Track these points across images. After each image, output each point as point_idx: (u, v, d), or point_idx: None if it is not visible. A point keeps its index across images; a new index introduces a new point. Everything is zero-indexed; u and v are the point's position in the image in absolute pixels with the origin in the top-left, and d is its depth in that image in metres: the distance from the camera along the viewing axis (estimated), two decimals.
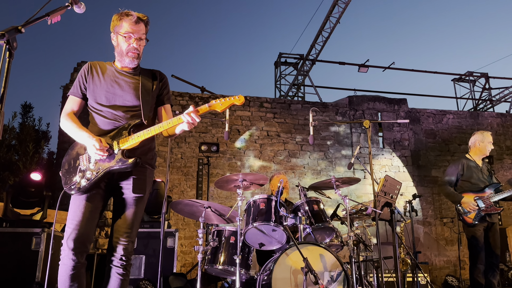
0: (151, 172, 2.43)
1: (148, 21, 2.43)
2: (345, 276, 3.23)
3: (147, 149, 2.41)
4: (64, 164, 2.36)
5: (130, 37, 2.35)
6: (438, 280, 7.70)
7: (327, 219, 3.86)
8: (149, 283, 4.64)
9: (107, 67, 2.45)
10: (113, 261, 2.24)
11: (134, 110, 2.37)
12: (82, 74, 2.42)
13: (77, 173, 2.27)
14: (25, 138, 7.85)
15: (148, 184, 2.39)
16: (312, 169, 8.30)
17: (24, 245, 4.33)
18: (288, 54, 11.56)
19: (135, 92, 2.38)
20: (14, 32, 1.62)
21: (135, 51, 2.38)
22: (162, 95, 2.52)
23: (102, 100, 2.36)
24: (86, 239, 2.24)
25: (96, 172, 2.24)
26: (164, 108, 2.51)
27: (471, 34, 55.38)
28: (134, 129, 2.30)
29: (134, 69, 2.47)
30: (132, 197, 2.31)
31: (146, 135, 2.26)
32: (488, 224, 4.29)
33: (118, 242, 2.25)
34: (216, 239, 3.73)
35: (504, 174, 8.99)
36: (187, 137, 7.94)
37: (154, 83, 2.47)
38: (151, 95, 2.43)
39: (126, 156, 2.24)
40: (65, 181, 2.31)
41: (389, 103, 9.13)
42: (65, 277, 2.20)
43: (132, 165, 2.23)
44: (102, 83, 2.39)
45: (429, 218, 8.45)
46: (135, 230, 2.32)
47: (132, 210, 2.30)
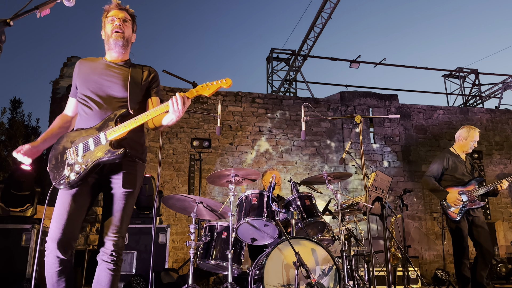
0: (141, 167, 2.41)
1: (134, 15, 2.51)
2: (337, 270, 3.26)
3: (136, 142, 2.38)
4: (51, 159, 2.33)
5: (114, 19, 2.42)
6: (428, 273, 7.79)
7: (319, 214, 3.88)
8: (140, 279, 4.64)
9: (97, 61, 2.47)
10: (104, 257, 2.22)
11: (122, 101, 2.36)
12: (74, 73, 2.47)
13: (66, 167, 2.24)
14: (15, 133, 7.77)
15: (138, 178, 2.37)
16: (304, 165, 8.33)
17: (14, 242, 4.29)
18: (280, 50, 11.57)
19: (124, 83, 2.38)
20: (2, 25, 1.59)
21: (119, 29, 2.41)
22: (152, 87, 2.50)
23: (90, 92, 2.36)
24: (70, 236, 2.22)
25: (85, 165, 2.20)
26: (152, 101, 2.48)
27: (462, 30, 55.80)
28: (120, 119, 2.27)
29: (124, 61, 2.47)
30: (122, 192, 2.28)
31: (133, 124, 2.22)
32: (473, 219, 4.30)
33: (109, 238, 2.23)
34: (208, 234, 3.73)
35: (493, 170, 9.10)
36: (179, 133, 7.91)
37: (144, 75, 2.47)
38: (139, 87, 2.42)
39: (115, 147, 2.20)
40: (54, 176, 2.27)
41: (380, 98, 9.17)
42: (52, 273, 2.20)
43: (122, 156, 2.18)
44: (91, 76, 2.39)
45: (419, 213, 8.54)
46: (125, 225, 2.29)
47: (122, 205, 2.28)
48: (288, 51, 11.51)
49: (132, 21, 2.50)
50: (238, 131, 8.22)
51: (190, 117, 7.97)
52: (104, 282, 2.20)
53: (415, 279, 6.08)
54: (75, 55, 8.42)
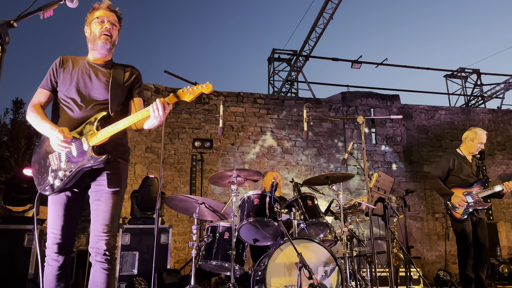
0: (124, 166, 2.41)
1: (120, 16, 2.47)
2: (339, 271, 3.25)
3: (118, 144, 2.38)
4: (34, 163, 2.32)
5: (103, 21, 2.38)
6: (430, 274, 7.78)
7: (321, 214, 3.87)
8: (142, 280, 4.63)
9: (80, 61, 2.43)
10: (97, 257, 2.23)
11: (103, 103, 2.34)
12: (54, 67, 2.39)
13: (49, 173, 2.24)
14: (17, 134, 7.78)
15: (123, 178, 2.38)
16: (306, 165, 8.32)
17: (17, 242, 4.30)
18: (282, 50, 11.55)
19: (105, 85, 2.36)
20: (6, 26, 1.59)
21: (108, 32, 2.38)
22: (134, 88, 2.49)
23: (72, 93, 2.33)
24: (68, 239, 2.27)
25: (69, 172, 2.21)
26: (134, 102, 2.47)
27: (464, 30, 55.72)
28: (100, 123, 2.26)
29: (106, 62, 2.45)
30: (108, 191, 2.28)
31: (115, 130, 2.23)
32: (476, 219, 4.32)
33: (100, 238, 2.23)
34: (210, 235, 3.73)
35: (495, 170, 9.08)
36: (181, 133, 7.91)
37: (125, 75, 2.45)
38: (121, 89, 2.41)
39: (97, 153, 2.21)
40: (38, 182, 2.28)
41: (381, 99, 9.16)
42: (51, 277, 2.24)
43: (104, 162, 2.20)
44: (73, 77, 2.36)
45: (421, 213, 8.52)
46: (115, 224, 2.30)
47: (110, 204, 2.27)
48: (289, 51, 11.50)
49: (119, 24, 2.47)
50: (239, 132, 8.22)
51: (192, 117, 7.97)
52: (100, 282, 2.21)
53: (417, 280, 6.07)
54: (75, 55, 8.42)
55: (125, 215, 7.02)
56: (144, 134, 7.58)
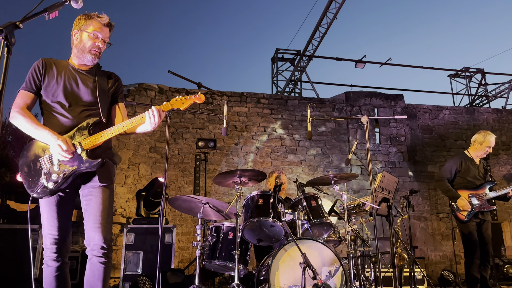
0: (112, 166, 2.47)
1: (113, 27, 2.50)
2: (343, 271, 3.25)
3: (106, 147, 2.45)
4: (23, 166, 2.32)
5: (97, 36, 2.40)
6: (434, 274, 7.75)
7: (325, 214, 3.87)
8: (147, 279, 4.65)
9: (63, 65, 2.44)
10: (94, 252, 2.25)
11: (92, 108, 2.39)
12: (36, 70, 2.36)
13: (42, 176, 2.25)
14: (22, 134, 7.81)
15: (112, 175, 2.44)
16: (309, 165, 8.32)
17: (21, 242, 4.32)
18: (285, 50, 11.55)
19: (92, 92, 2.40)
20: (12, 27, 1.61)
21: (98, 49, 2.42)
22: (117, 93, 2.55)
23: (60, 98, 2.34)
24: (65, 240, 2.32)
25: (63, 175, 2.24)
26: (118, 106, 2.55)
27: (468, 30, 55.51)
28: (93, 127, 2.32)
29: (90, 68, 2.48)
30: (99, 185, 2.33)
31: (109, 135, 2.30)
32: (481, 221, 4.34)
33: (96, 232, 2.25)
34: (214, 235, 3.73)
35: (499, 170, 9.04)
36: (184, 133, 7.93)
37: (109, 82, 2.52)
38: (107, 94, 2.47)
39: (91, 157, 2.26)
40: (29, 185, 2.29)
41: (385, 99, 9.14)
42: (51, 279, 2.28)
43: (99, 165, 2.26)
44: (59, 81, 2.37)
45: (425, 214, 8.50)
46: (110, 218, 2.33)
47: (101, 198, 2.32)
48: (293, 51, 11.50)
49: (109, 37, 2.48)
50: (243, 132, 8.22)
51: (196, 117, 7.98)
52: (97, 275, 2.24)
53: (421, 280, 6.06)
54: None
55: (129, 214, 7.04)
56: (148, 134, 7.60)
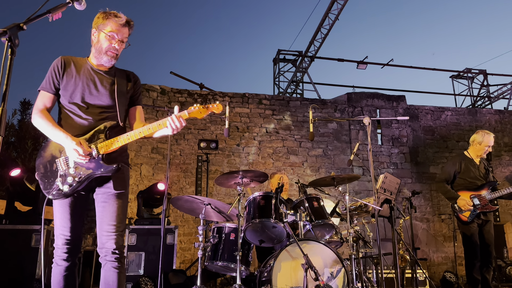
0: (127, 170, 2.46)
1: (133, 26, 2.43)
2: (345, 273, 3.25)
3: (123, 151, 2.44)
4: (39, 167, 2.32)
5: (114, 37, 2.34)
6: (436, 276, 7.74)
7: (327, 215, 3.87)
8: (148, 280, 4.65)
9: (82, 65, 2.41)
10: (107, 257, 2.25)
11: (109, 111, 2.37)
12: (55, 69, 2.34)
13: (57, 178, 2.25)
14: (24, 135, 7.82)
15: (127, 181, 2.43)
16: (311, 166, 8.31)
17: (24, 242, 4.33)
18: (287, 51, 11.54)
19: (111, 93, 2.37)
20: (15, 29, 1.62)
21: (115, 51, 2.37)
22: (135, 96, 2.53)
23: (77, 99, 2.32)
24: (76, 241, 2.33)
25: (78, 178, 2.23)
26: (136, 109, 2.52)
27: (470, 31, 55.41)
28: (110, 131, 2.30)
29: (109, 68, 2.45)
30: (114, 193, 2.32)
31: (126, 141, 2.28)
32: (483, 222, 4.32)
33: (108, 237, 2.26)
34: (216, 236, 3.74)
35: (502, 171, 9.02)
36: (186, 134, 7.93)
37: (128, 84, 2.48)
38: (125, 96, 2.44)
39: (107, 161, 2.25)
40: (44, 186, 2.29)
41: (387, 100, 9.13)
42: (59, 278, 2.28)
43: (115, 171, 2.25)
44: (78, 81, 2.34)
45: (427, 215, 8.48)
46: (123, 224, 2.33)
47: (116, 205, 2.31)
48: (295, 52, 11.49)
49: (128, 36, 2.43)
50: (245, 133, 8.22)
51: (197, 118, 7.98)
52: (112, 281, 2.24)
53: (423, 282, 6.05)
54: None
55: (131, 215, 7.04)
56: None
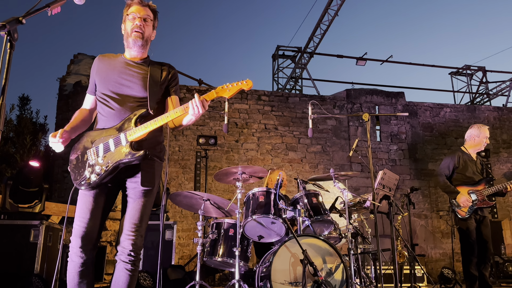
0: (159, 165, 2.39)
1: (156, 10, 2.43)
2: (344, 268, 3.26)
3: (155, 142, 2.36)
4: (72, 159, 2.33)
5: (135, 17, 2.34)
6: (434, 272, 7.77)
7: (326, 211, 3.87)
8: (147, 275, 4.66)
9: (116, 58, 2.43)
10: (122, 256, 2.20)
11: (142, 101, 2.33)
12: (92, 70, 2.43)
13: (86, 168, 2.23)
14: (23, 130, 7.81)
15: (157, 177, 2.35)
16: (310, 162, 8.32)
17: (23, 238, 4.32)
18: (286, 47, 11.53)
19: (143, 83, 2.35)
20: (15, 23, 1.60)
21: (139, 29, 2.34)
22: (171, 86, 2.47)
23: (109, 91, 2.33)
24: (94, 236, 2.24)
25: (106, 167, 2.19)
26: (172, 99, 2.46)
27: (469, 27, 55.39)
28: (140, 119, 2.25)
29: (143, 60, 2.43)
30: (140, 190, 2.26)
31: (153, 126, 2.21)
32: (480, 217, 4.33)
33: (127, 237, 2.20)
34: (215, 232, 3.74)
35: (500, 168, 9.04)
36: (185, 130, 7.92)
37: (163, 74, 2.44)
38: (159, 86, 2.40)
39: (135, 149, 2.19)
40: (75, 177, 2.27)
41: (386, 96, 9.13)
42: (74, 274, 2.20)
43: (142, 158, 2.17)
44: (110, 74, 2.36)
45: (425, 211, 8.51)
46: (144, 224, 2.26)
47: (141, 203, 2.26)
48: (294, 48, 11.48)
49: (154, 18, 2.43)
50: (244, 129, 8.22)
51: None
52: (122, 282, 2.18)
53: (421, 277, 6.07)
54: (81, 52, 8.46)
55: None
56: None
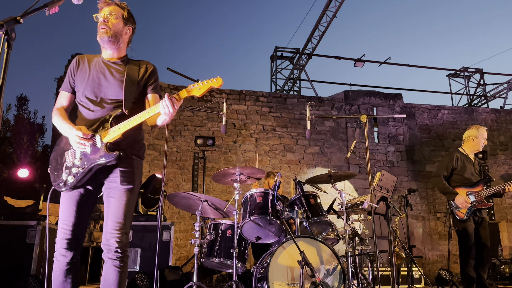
0: (138, 163, 2.40)
1: (125, 7, 2.42)
2: (341, 270, 3.25)
3: (133, 141, 2.37)
4: (52, 161, 2.36)
5: (100, 16, 2.37)
6: (431, 274, 7.78)
7: (324, 213, 3.87)
8: (144, 276, 4.65)
9: (95, 59, 2.43)
10: (109, 254, 2.23)
11: (119, 101, 2.34)
12: (71, 69, 2.41)
13: (64, 170, 2.27)
14: (20, 130, 7.78)
15: (137, 175, 2.36)
16: (308, 163, 8.32)
17: (19, 238, 4.31)
18: (284, 48, 11.53)
19: (120, 83, 2.35)
20: (12, 22, 1.60)
21: (103, 25, 2.34)
22: (149, 84, 2.46)
23: (88, 93, 2.34)
24: (78, 236, 2.29)
25: (82, 168, 2.22)
26: (151, 97, 2.45)
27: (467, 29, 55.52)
28: (115, 120, 2.27)
29: (121, 59, 2.43)
30: (121, 188, 2.28)
31: (127, 127, 2.23)
32: (478, 219, 4.34)
33: (112, 235, 2.23)
34: (212, 233, 3.73)
35: (497, 170, 9.06)
36: (183, 131, 7.92)
37: (140, 72, 2.43)
38: (136, 85, 2.39)
39: (110, 150, 2.21)
40: (54, 179, 2.31)
41: (384, 98, 9.15)
42: (59, 273, 2.26)
43: (116, 158, 2.20)
44: (89, 76, 2.37)
45: (422, 213, 8.52)
46: (128, 222, 2.29)
47: (123, 201, 2.27)
48: (292, 49, 11.48)
49: (123, 13, 2.40)
50: (242, 130, 8.22)
51: (194, 115, 7.97)
52: (112, 279, 2.21)
53: (419, 279, 6.08)
54: (79, 52, 8.43)
55: None
56: (146, 132, 7.59)
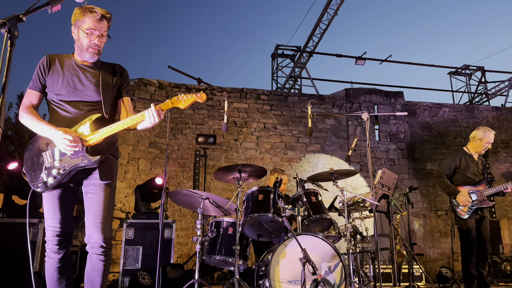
0: (114, 163, 2.47)
1: (110, 18, 2.40)
2: (343, 267, 3.26)
3: (109, 143, 2.43)
4: (27, 160, 2.36)
5: (92, 33, 2.34)
6: (432, 271, 7.79)
7: (325, 210, 3.88)
8: (146, 274, 4.66)
9: (66, 60, 2.43)
10: (94, 249, 2.28)
11: (95, 105, 2.38)
12: (41, 67, 2.38)
13: (43, 171, 2.28)
14: (21, 128, 7.78)
15: (114, 172, 2.43)
16: (309, 162, 8.33)
17: (21, 236, 4.32)
18: (285, 46, 11.53)
19: (96, 87, 2.39)
20: (15, 20, 1.61)
21: (96, 47, 2.37)
22: (122, 87, 2.53)
23: (63, 95, 2.35)
24: (67, 232, 2.34)
25: (63, 170, 2.25)
26: (123, 101, 2.52)
27: (468, 27, 55.39)
28: (95, 124, 2.31)
29: (94, 63, 2.45)
30: (100, 184, 2.34)
31: (109, 133, 2.29)
32: (480, 217, 4.37)
33: (96, 229, 2.28)
34: (214, 230, 3.74)
35: (498, 168, 9.06)
36: (184, 129, 7.92)
37: (114, 76, 2.49)
38: (111, 89, 2.45)
39: (91, 153, 2.27)
40: (31, 179, 2.32)
41: (385, 96, 9.14)
42: (52, 270, 2.30)
43: (98, 162, 2.27)
44: (63, 78, 2.37)
45: (423, 211, 8.52)
46: (109, 215, 2.34)
47: (103, 195, 2.33)
48: (293, 47, 11.47)
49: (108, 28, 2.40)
50: (243, 128, 8.22)
51: (195, 113, 7.98)
52: (97, 270, 2.27)
53: (420, 277, 6.09)
54: None
55: (129, 209, 7.05)
56: (147, 130, 7.58)
